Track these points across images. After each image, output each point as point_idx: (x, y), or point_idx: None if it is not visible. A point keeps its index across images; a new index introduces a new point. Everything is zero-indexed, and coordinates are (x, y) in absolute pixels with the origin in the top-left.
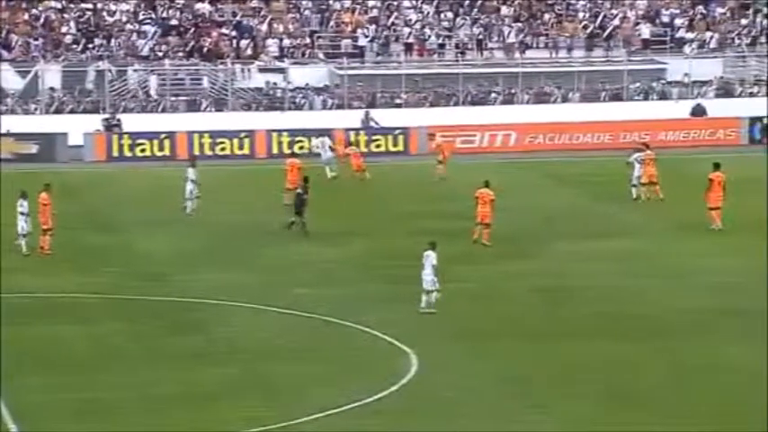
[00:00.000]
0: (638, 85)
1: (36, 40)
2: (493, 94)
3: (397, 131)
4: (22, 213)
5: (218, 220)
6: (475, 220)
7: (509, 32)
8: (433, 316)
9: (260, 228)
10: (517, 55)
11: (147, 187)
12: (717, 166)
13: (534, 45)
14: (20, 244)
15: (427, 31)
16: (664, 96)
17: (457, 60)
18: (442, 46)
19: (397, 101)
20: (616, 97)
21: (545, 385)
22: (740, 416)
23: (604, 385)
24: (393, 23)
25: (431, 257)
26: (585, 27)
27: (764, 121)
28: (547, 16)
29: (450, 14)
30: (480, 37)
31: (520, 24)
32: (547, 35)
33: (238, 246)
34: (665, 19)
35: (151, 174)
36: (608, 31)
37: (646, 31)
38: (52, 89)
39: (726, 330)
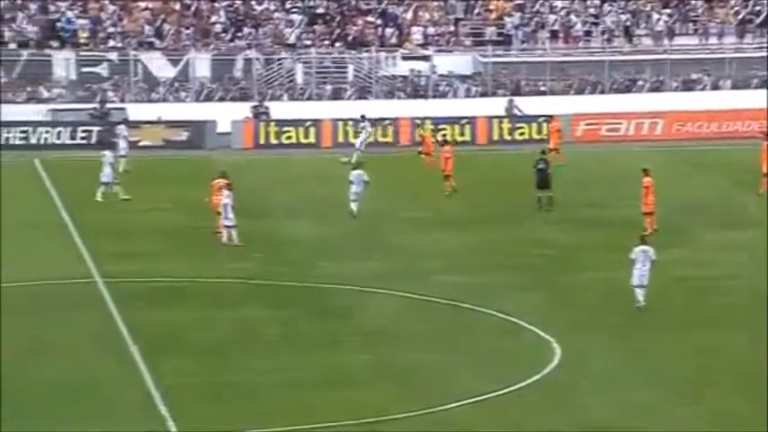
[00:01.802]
0: None
1: (187, 29)
2: (640, 82)
3: (541, 119)
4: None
5: (360, 208)
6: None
7: (657, 19)
8: (574, 305)
9: (399, 215)
10: (666, 42)
11: (292, 174)
12: None
13: (683, 32)
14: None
15: (573, 17)
16: None
17: (603, 47)
18: (588, 33)
19: (542, 88)
20: None
21: (686, 377)
22: None
23: (748, 378)
24: (539, 11)
25: (649, 253)
26: (737, 13)
27: None
28: (697, 2)
29: (596, 1)
30: (628, 24)
31: (669, 11)
32: (696, 21)
33: (379, 232)
34: None
35: (296, 161)
36: (761, 17)
37: None
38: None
39: None
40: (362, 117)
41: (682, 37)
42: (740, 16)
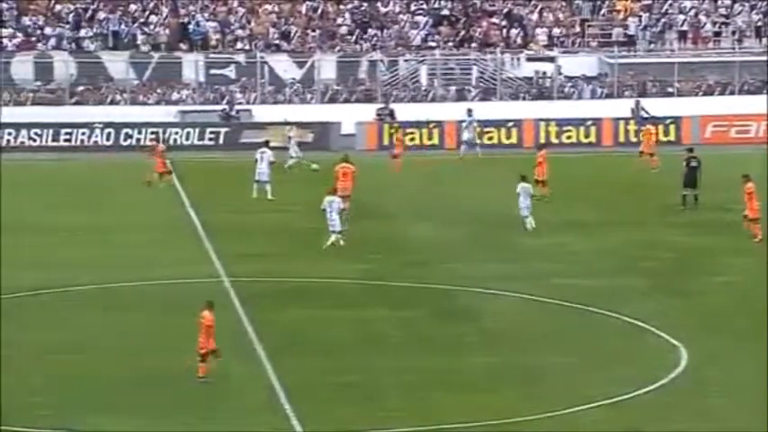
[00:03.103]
0: None
1: (313, 31)
2: None
3: (668, 121)
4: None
5: (479, 210)
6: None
7: None
8: (701, 310)
9: (518, 217)
10: None
11: (413, 175)
12: None
13: None
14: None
15: (702, 18)
16: None
17: (734, 48)
18: (717, 33)
19: (669, 90)
20: None
21: None
22: None
23: None
24: (667, 11)
25: None
26: None
27: None
28: None
29: (727, 1)
30: (759, 24)
31: None
32: None
33: (498, 234)
34: None
35: (419, 162)
36: None
37: None
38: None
39: None
40: (469, 111)
41: None
42: None
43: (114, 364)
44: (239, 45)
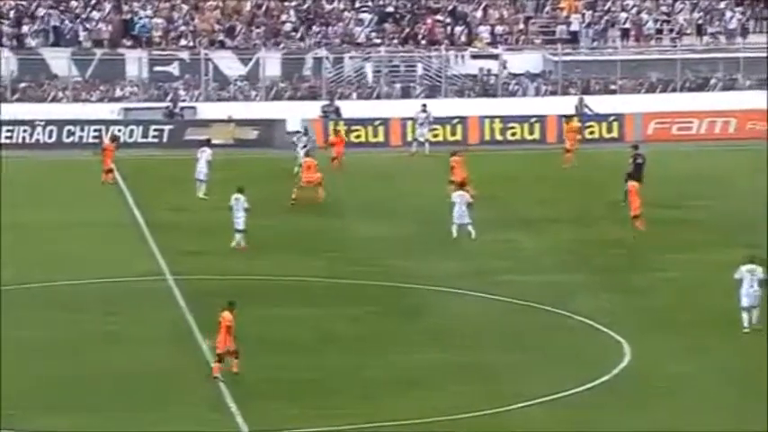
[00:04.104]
0: None
1: (257, 28)
2: (712, 80)
3: (611, 118)
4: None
5: (429, 207)
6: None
7: (730, 17)
8: (644, 306)
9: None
10: (738, 40)
11: (361, 173)
12: None
13: (757, 29)
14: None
15: (645, 16)
16: None
17: (675, 46)
18: (659, 31)
19: (612, 87)
20: None
21: (761, 378)
22: None
23: None
24: (610, 9)
25: (757, 272)
26: None
27: None
28: None
29: None
30: (700, 21)
31: (741, 8)
32: None
33: (448, 232)
34: None
35: (366, 160)
36: None
37: None
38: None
39: None
40: (423, 107)
41: (755, 35)
42: None
43: (57, 363)
44: (183, 42)
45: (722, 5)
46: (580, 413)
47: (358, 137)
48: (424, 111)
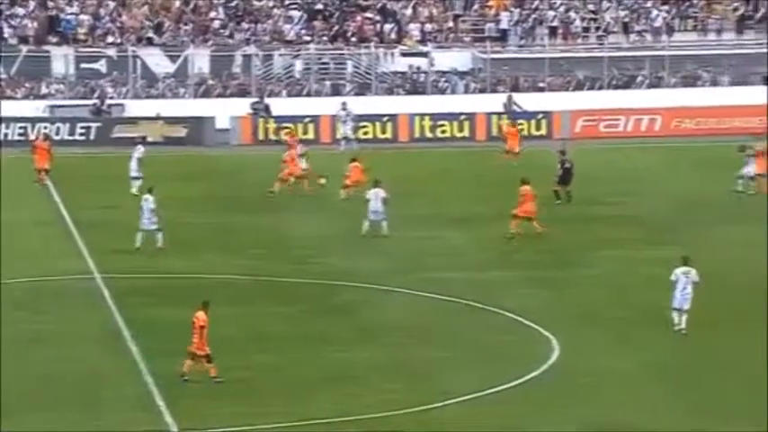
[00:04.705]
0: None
1: (186, 25)
2: (639, 78)
3: (539, 115)
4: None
5: (358, 205)
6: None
7: (656, 15)
8: (572, 302)
9: (399, 212)
10: (664, 38)
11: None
12: None
13: (682, 28)
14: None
15: (572, 14)
16: None
17: (602, 44)
18: (586, 29)
19: (540, 85)
20: (767, 80)
21: (687, 372)
22: None
23: (744, 374)
24: (538, 7)
25: (691, 274)
26: (736, 9)
27: None
28: None
29: None
30: (626, 20)
31: (667, 7)
32: (696, 18)
33: (377, 229)
34: None
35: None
36: (760, 12)
37: None
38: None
39: None
40: (343, 105)
41: (680, 33)
42: (739, 12)
43: None
44: (110, 39)
45: (648, 4)
46: (509, 409)
47: (288, 134)
48: (344, 108)
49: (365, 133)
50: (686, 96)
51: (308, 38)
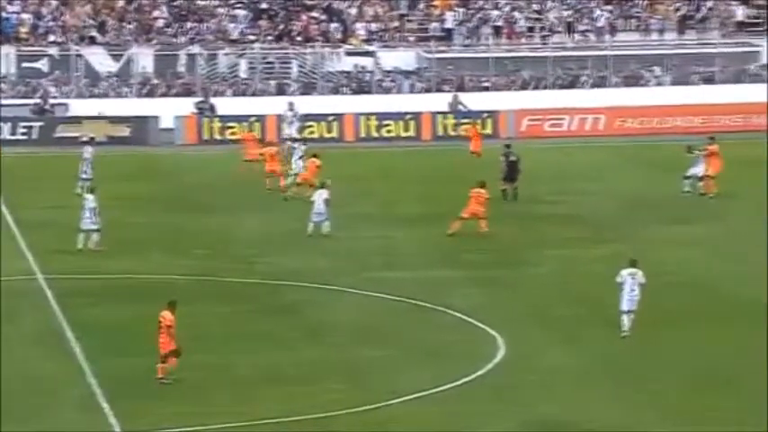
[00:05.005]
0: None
1: (129, 23)
2: (583, 78)
3: (485, 115)
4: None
5: (305, 204)
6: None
7: (599, 15)
8: (518, 300)
9: (344, 210)
10: (607, 38)
11: (236, 170)
12: None
13: (625, 28)
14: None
15: (516, 14)
16: (757, 79)
17: (545, 43)
18: (531, 29)
19: (486, 84)
20: (708, 80)
21: (632, 370)
22: None
23: (691, 370)
24: (482, 6)
25: (638, 276)
26: (677, 9)
27: None
28: None
29: None
30: (570, 20)
31: (610, 7)
32: (638, 18)
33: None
34: (761, 1)
35: (241, 157)
36: (701, 13)
37: (740, 12)
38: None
39: None
40: (290, 105)
41: (624, 33)
42: (680, 13)
43: None
44: (52, 38)
45: (592, 4)
46: (454, 408)
47: (234, 134)
48: (291, 109)
49: (311, 133)
50: (629, 96)
51: (252, 37)
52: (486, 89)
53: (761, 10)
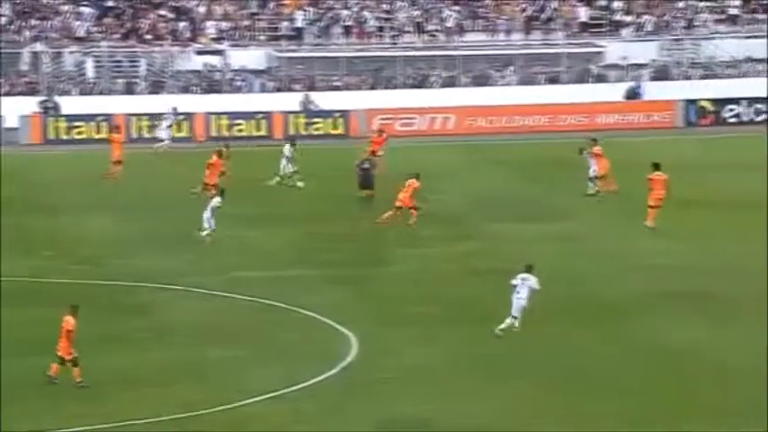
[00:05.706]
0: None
1: None
2: (432, 77)
3: (336, 114)
4: None
5: (161, 204)
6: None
7: (448, 15)
8: (373, 299)
9: (197, 211)
10: (456, 38)
11: (83, 170)
12: (657, 167)
13: (473, 28)
14: None
15: (366, 13)
16: (601, 79)
17: (395, 43)
18: (380, 29)
19: (337, 84)
20: (554, 80)
21: (487, 368)
22: (688, 395)
23: (548, 367)
24: (332, 6)
25: (530, 281)
26: (524, 10)
27: (700, 104)
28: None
29: None
30: (419, 20)
31: (458, 7)
32: (486, 18)
33: (178, 229)
34: (603, 2)
35: (88, 157)
36: (546, 13)
37: (584, 14)
38: None
39: (670, 312)
40: (174, 109)
41: (472, 33)
42: (527, 13)
43: None
44: None
45: (441, 4)
46: (307, 408)
47: (80, 133)
48: (175, 114)
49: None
50: (478, 95)
51: (99, 35)
52: (338, 88)
53: (603, 11)
